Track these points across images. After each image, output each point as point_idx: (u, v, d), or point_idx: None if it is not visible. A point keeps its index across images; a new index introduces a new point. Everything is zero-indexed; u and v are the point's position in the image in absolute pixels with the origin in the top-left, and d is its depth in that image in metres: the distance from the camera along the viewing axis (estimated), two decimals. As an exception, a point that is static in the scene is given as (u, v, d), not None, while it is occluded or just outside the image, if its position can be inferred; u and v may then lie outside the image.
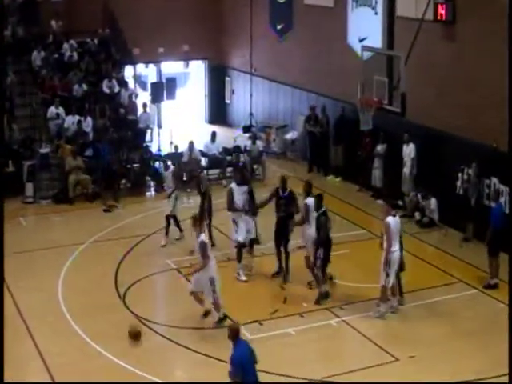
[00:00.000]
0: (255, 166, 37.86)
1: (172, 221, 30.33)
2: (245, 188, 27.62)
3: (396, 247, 23.55)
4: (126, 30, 45.16)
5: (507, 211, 25.72)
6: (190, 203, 31.80)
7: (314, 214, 24.67)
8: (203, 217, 28.67)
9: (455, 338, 22.45)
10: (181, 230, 30.52)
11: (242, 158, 38.60)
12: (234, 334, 17.21)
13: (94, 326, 24.07)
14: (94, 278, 27.80)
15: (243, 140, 40.21)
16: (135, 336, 19.31)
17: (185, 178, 33.94)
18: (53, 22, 45.47)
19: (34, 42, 44.40)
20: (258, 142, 39.17)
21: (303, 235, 25.56)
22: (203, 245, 23.30)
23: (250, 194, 27.57)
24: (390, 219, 23.59)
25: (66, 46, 44.50)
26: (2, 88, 32.52)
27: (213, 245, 28.56)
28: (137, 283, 27.20)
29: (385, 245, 23.47)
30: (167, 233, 30.36)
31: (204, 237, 23.63)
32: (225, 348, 21.75)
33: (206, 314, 23.67)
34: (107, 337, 23.38)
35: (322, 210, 24.37)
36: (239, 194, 27.37)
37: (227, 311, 23.73)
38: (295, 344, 22.61)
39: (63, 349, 23.00)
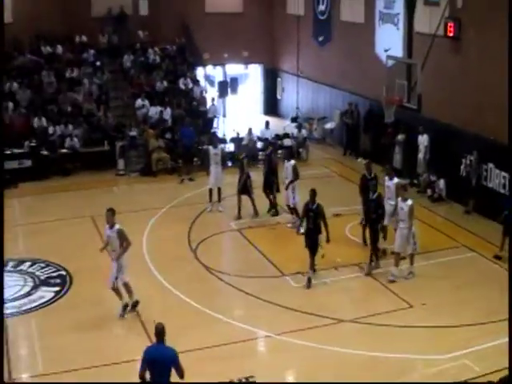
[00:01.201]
0: (300, 150, 37.98)
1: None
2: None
3: None
4: (198, 39, 45.46)
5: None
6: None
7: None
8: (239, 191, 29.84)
9: (459, 289, 22.66)
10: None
11: (287, 142, 38.79)
12: (159, 333, 15.55)
13: (171, 273, 24.70)
14: (171, 235, 28.19)
15: (291, 128, 40.22)
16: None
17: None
18: (140, 32, 45.82)
19: (125, 48, 44.72)
20: (303, 130, 39.42)
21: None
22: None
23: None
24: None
25: (150, 51, 44.84)
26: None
27: (257, 214, 29.48)
28: (205, 240, 27.49)
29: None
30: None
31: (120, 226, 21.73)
32: (276, 292, 22.13)
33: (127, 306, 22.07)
34: (181, 281, 23.98)
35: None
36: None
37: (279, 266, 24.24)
38: (331, 291, 22.87)
39: (146, 290, 23.33)
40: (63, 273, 25.31)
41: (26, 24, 44.15)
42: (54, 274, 25.30)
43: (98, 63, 43.72)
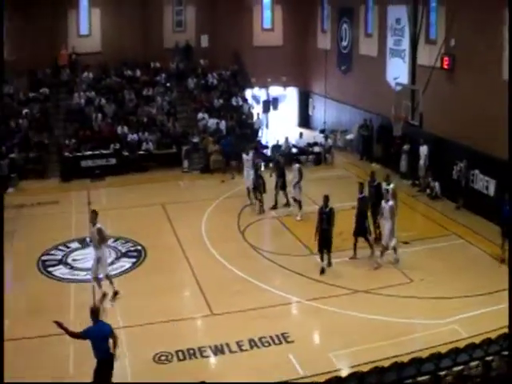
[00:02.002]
0: (327, 155, 37.92)
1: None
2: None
3: None
4: (248, 66, 45.40)
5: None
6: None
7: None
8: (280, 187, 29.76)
9: (450, 268, 22.56)
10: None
11: (316, 149, 38.78)
12: (94, 314, 15.26)
13: (223, 249, 24.77)
14: (224, 220, 28.26)
15: (319, 138, 40.15)
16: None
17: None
18: (201, 60, 45.84)
19: (190, 73, 44.83)
20: (329, 140, 39.29)
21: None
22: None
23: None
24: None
25: (209, 75, 44.84)
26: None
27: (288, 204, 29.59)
28: (251, 225, 27.57)
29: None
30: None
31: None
32: (305, 267, 22.15)
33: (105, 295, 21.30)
34: (231, 256, 24.12)
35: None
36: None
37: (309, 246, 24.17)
38: (348, 268, 22.91)
39: (204, 263, 23.63)
40: (139, 247, 25.60)
41: (112, 52, 44.50)
42: (132, 249, 25.59)
43: (168, 84, 43.81)
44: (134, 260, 24.47)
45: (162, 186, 34.05)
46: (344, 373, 15.63)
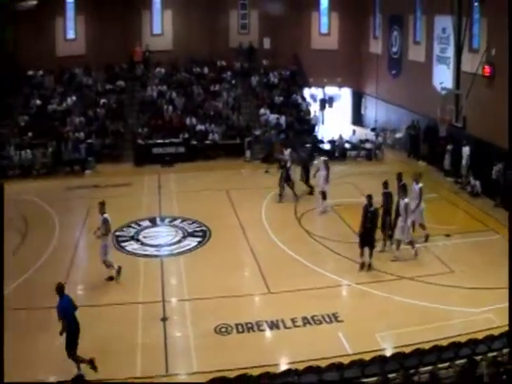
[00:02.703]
0: (377, 152, 37.65)
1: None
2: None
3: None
4: (306, 67, 45.37)
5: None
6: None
7: None
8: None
9: (488, 263, 22.08)
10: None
11: (368, 145, 38.60)
12: (59, 290, 15.76)
13: (281, 234, 24.82)
14: (283, 206, 28.24)
15: (371, 135, 39.89)
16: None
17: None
18: (264, 61, 45.82)
19: (253, 71, 44.94)
20: (379, 138, 39.06)
21: None
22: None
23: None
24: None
25: (271, 74, 44.80)
26: None
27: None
28: (306, 212, 27.55)
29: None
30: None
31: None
32: (356, 254, 21.99)
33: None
34: (288, 241, 24.11)
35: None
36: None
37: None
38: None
39: (263, 246, 23.76)
40: (204, 228, 25.77)
41: (182, 51, 44.95)
42: (198, 229, 25.73)
43: (233, 81, 43.92)
44: (199, 239, 24.61)
45: (226, 173, 34.22)
46: (388, 352, 15.56)
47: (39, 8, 42.34)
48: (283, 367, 15.39)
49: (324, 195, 27.75)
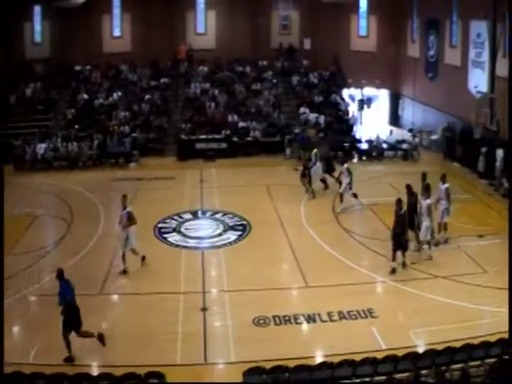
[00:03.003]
0: (414, 152, 37.28)
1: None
2: None
3: None
4: (345, 68, 45.42)
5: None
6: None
7: None
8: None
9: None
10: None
11: (405, 146, 38.23)
12: (60, 275, 16.04)
13: (319, 230, 24.71)
14: (321, 203, 28.01)
15: (407, 136, 39.55)
16: None
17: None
18: (304, 61, 45.81)
19: (293, 71, 44.93)
20: (416, 139, 38.70)
21: None
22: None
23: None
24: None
25: (311, 74, 44.75)
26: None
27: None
28: (344, 210, 27.34)
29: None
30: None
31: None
32: (387, 250, 21.85)
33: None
34: (326, 237, 24.02)
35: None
36: None
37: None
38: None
39: (301, 241, 23.72)
40: (244, 222, 25.78)
41: (225, 50, 45.35)
42: (238, 223, 25.76)
43: (274, 80, 43.91)
44: (239, 233, 24.66)
45: (266, 169, 34.17)
46: (420, 349, 15.46)
47: (87, 6, 43.02)
48: (318, 360, 15.35)
49: (341, 198, 27.55)
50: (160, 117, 40.11)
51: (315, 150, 30.43)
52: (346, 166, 28.02)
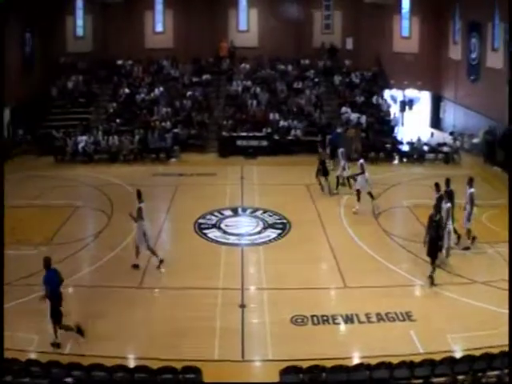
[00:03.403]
0: (455, 155, 36.98)
1: None
2: None
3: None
4: (387, 69, 45.12)
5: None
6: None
7: None
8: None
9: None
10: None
11: (445, 149, 37.89)
12: (46, 264, 16.16)
13: (359, 231, 24.62)
14: (361, 203, 27.45)
15: (448, 139, 39.15)
16: None
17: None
18: (346, 61, 45.75)
19: (335, 71, 44.90)
20: (457, 142, 38.37)
21: None
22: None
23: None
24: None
25: (353, 74, 44.60)
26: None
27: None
28: (384, 211, 27.14)
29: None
30: None
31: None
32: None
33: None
34: (365, 237, 23.97)
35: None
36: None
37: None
38: (469, 261, 22.19)
39: (341, 241, 23.67)
40: (284, 221, 25.78)
41: (267, 48, 45.56)
42: (278, 221, 25.77)
43: (316, 80, 43.85)
44: (279, 231, 24.66)
45: (307, 168, 33.62)
46: (458, 354, 15.31)
47: (130, 2, 43.34)
48: (355, 361, 15.33)
49: (358, 195, 27.03)
50: (202, 113, 40.32)
51: (341, 149, 30.36)
52: (360, 161, 27.56)
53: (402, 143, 38.15)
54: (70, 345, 16.22)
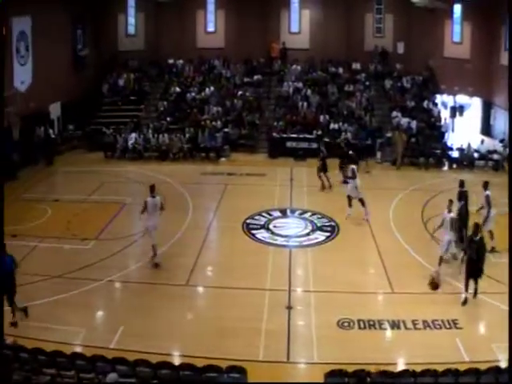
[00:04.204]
0: (504, 163, 36.20)
1: None
2: None
3: None
4: (438, 74, 44.78)
5: None
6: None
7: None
8: None
9: None
10: None
11: (496, 156, 37.29)
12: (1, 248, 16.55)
13: (407, 236, 24.34)
14: (410, 209, 27.64)
15: (499, 147, 38.30)
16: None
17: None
18: (397, 65, 45.42)
19: (386, 75, 44.69)
20: (507, 150, 37.74)
21: None
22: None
23: None
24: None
25: (404, 79, 44.17)
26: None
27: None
28: (433, 217, 26.31)
29: None
30: None
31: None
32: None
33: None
34: (411, 241, 23.81)
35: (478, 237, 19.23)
36: None
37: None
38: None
39: (389, 246, 23.48)
40: (333, 224, 25.79)
41: (318, 50, 45.48)
42: (327, 224, 25.78)
43: (367, 83, 43.59)
44: (327, 234, 24.67)
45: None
46: (503, 364, 15.01)
47: (181, 1, 43.84)
48: (400, 367, 15.26)
49: (350, 201, 26.62)
50: (252, 113, 40.43)
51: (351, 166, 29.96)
52: (351, 166, 27.42)
53: (451, 149, 37.75)
54: (116, 339, 16.46)
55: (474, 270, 19.23)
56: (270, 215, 26.64)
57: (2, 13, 26.75)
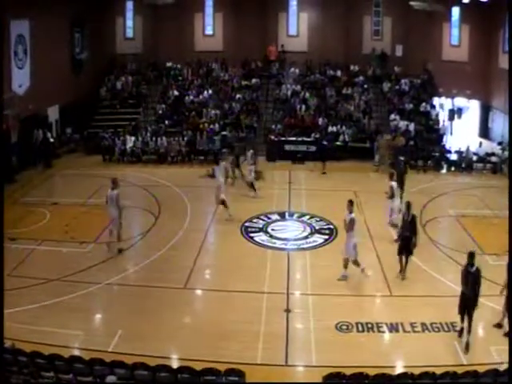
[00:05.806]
0: (503, 166, 36.42)
1: None
2: None
3: None
4: (436, 77, 44.86)
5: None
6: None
7: None
8: None
9: None
10: None
11: (494, 159, 37.40)
12: None
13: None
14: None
15: (497, 149, 38.49)
16: None
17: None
18: (395, 67, 45.49)
19: (384, 77, 44.77)
20: (505, 152, 37.69)
21: None
22: None
23: None
24: None
25: (402, 81, 44.27)
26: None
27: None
28: (431, 220, 26.83)
29: None
30: None
31: None
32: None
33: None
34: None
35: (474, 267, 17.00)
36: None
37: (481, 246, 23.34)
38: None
39: (387, 249, 23.09)
40: (331, 226, 25.75)
41: (316, 53, 45.60)
42: (325, 227, 25.77)
43: (366, 86, 43.71)
44: (326, 237, 24.67)
45: (355, 175, 33.91)
46: (502, 367, 14.92)
47: (180, 4, 43.79)
48: (399, 370, 15.22)
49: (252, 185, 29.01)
50: (250, 116, 40.45)
51: (251, 151, 31.54)
52: (251, 151, 29.82)
53: (450, 152, 37.84)
54: (114, 342, 16.44)
55: (468, 306, 17.26)
56: (269, 218, 26.65)
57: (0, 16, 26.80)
